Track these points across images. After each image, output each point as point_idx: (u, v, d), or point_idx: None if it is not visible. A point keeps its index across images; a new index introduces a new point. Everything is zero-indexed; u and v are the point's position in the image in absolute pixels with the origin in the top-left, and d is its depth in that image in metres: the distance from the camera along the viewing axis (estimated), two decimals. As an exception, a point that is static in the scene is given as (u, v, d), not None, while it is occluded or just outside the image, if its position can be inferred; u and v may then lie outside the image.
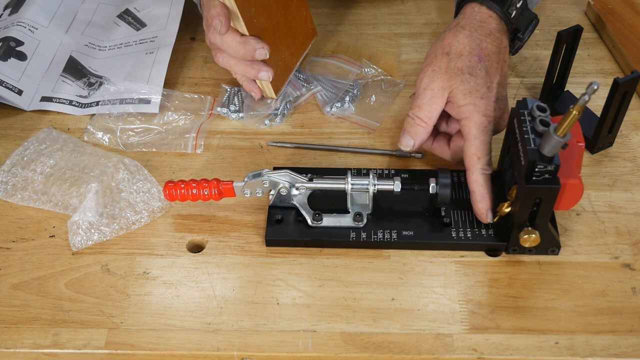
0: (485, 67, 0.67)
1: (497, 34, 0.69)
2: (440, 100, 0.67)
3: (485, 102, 0.65)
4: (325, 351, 0.58)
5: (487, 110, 0.65)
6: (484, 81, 0.66)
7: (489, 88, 0.66)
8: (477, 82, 0.66)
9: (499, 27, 0.70)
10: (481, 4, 0.70)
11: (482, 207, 0.64)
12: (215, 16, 0.70)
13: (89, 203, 0.67)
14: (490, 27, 0.69)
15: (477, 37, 0.68)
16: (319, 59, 0.87)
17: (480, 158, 0.64)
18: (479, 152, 0.64)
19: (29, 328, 0.61)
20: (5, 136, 0.78)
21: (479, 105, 0.65)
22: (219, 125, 0.79)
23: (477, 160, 0.64)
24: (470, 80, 0.66)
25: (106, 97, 0.80)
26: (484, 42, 0.68)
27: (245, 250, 0.66)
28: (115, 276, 0.64)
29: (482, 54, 0.67)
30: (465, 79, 0.66)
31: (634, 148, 0.74)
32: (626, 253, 0.65)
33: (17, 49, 0.83)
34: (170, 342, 0.59)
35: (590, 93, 0.51)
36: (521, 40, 0.72)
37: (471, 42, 0.68)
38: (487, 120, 0.65)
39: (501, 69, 0.68)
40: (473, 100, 0.65)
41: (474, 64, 0.67)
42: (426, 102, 0.68)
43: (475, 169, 0.64)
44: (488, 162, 0.65)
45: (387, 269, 0.64)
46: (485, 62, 0.67)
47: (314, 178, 0.66)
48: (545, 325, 0.59)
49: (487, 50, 0.68)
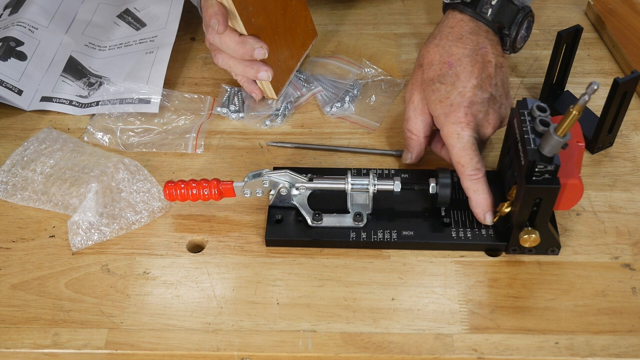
0: (457, 72, 0.67)
1: (470, 37, 0.69)
2: (422, 112, 0.69)
3: (455, 109, 0.65)
4: (325, 351, 0.58)
5: (457, 117, 0.65)
6: (454, 87, 0.66)
7: (461, 93, 0.66)
8: (447, 90, 0.66)
9: (474, 29, 0.69)
10: (454, 10, 0.71)
11: (477, 212, 0.64)
12: (212, 15, 0.70)
13: (89, 203, 0.67)
14: (462, 31, 0.69)
15: (446, 44, 0.69)
16: (319, 59, 0.87)
17: (464, 165, 0.64)
18: (461, 160, 0.64)
19: (29, 328, 0.61)
20: (5, 136, 0.78)
21: (449, 114, 0.65)
22: (219, 125, 0.79)
23: (461, 169, 0.64)
24: (440, 89, 0.67)
25: (106, 97, 0.80)
26: (454, 47, 0.68)
27: (245, 250, 0.66)
28: (115, 276, 0.64)
29: (452, 60, 0.67)
30: (435, 88, 0.67)
31: (634, 148, 0.74)
32: (626, 253, 0.65)
33: (17, 49, 0.83)
34: (170, 342, 0.59)
35: (590, 93, 0.51)
36: (509, 36, 0.71)
37: (440, 51, 0.69)
38: (460, 127, 0.64)
39: (479, 71, 0.67)
40: (444, 110, 0.66)
41: (444, 72, 0.67)
42: (411, 115, 0.70)
43: (463, 176, 0.64)
44: (474, 167, 0.63)
45: (387, 269, 0.64)
46: (457, 68, 0.67)
47: (314, 178, 0.66)
48: (545, 325, 0.59)
49: (457, 55, 0.67)
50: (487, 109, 0.66)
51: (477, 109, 0.66)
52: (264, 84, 0.78)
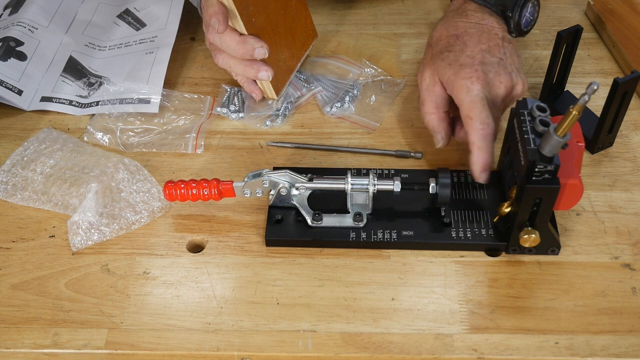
0: (464, 41, 0.69)
1: (475, 14, 0.71)
2: (435, 85, 0.69)
3: (465, 67, 0.66)
4: (325, 351, 0.58)
5: (467, 72, 0.66)
6: (462, 52, 0.68)
7: (470, 56, 0.67)
8: (456, 54, 0.68)
9: (477, 8, 0.72)
10: None
11: (475, 169, 0.64)
12: (213, 14, 0.70)
13: (89, 203, 0.67)
14: (467, 10, 0.72)
15: (453, 20, 0.71)
16: (319, 59, 0.87)
17: (472, 118, 0.64)
18: (470, 113, 0.64)
19: (29, 328, 0.61)
20: (5, 136, 0.78)
21: (459, 72, 0.66)
22: (219, 125, 0.79)
23: (469, 121, 0.64)
24: (449, 56, 0.68)
25: (106, 97, 0.80)
26: (460, 22, 0.71)
27: (245, 250, 0.66)
28: (115, 276, 0.64)
29: (458, 32, 0.70)
30: (444, 56, 0.69)
31: (634, 148, 0.74)
32: (626, 253, 0.65)
33: (17, 49, 0.83)
34: (170, 342, 0.59)
35: (590, 93, 0.51)
36: (512, 18, 0.72)
37: (447, 26, 0.72)
38: (470, 81, 0.65)
39: (487, 39, 0.69)
40: (454, 70, 0.67)
41: (452, 42, 0.70)
42: (425, 94, 0.70)
43: (470, 129, 0.64)
44: (483, 120, 0.63)
45: (387, 269, 0.64)
46: (464, 37, 0.69)
47: (314, 178, 0.66)
48: (545, 325, 0.59)
49: (463, 27, 0.70)
50: (497, 69, 0.67)
51: (487, 68, 0.67)
52: (264, 84, 0.78)
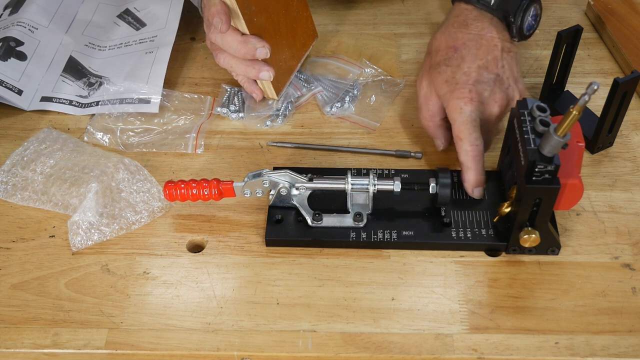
0: (462, 55, 0.69)
1: (475, 23, 0.71)
2: (431, 95, 0.70)
3: (460, 87, 0.67)
4: (325, 351, 0.58)
5: (462, 92, 0.66)
6: (459, 67, 0.68)
7: (466, 73, 0.68)
8: (453, 70, 0.68)
9: (478, 16, 0.72)
10: (460, 1, 0.74)
11: (466, 186, 0.66)
12: (215, 14, 0.69)
13: (89, 203, 0.67)
14: (467, 19, 0.72)
15: (452, 30, 0.71)
16: (320, 59, 0.87)
17: (462, 139, 0.65)
18: (460, 134, 0.66)
19: (29, 328, 0.61)
20: (5, 136, 0.78)
21: (454, 91, 0.67)
22: (219, 125, 0.79)
23: (459, 142, 0.66)
24: (446, 71, 0.69)
25: (106, 97, 0.80)
26: (459, 33, 0.71)
27: (245, 250, 0.66)
28: (115, 276, 0.64)
29: (457, 44, 0.70)
30: (441, 70, 0.69)
31: (634, 148, 0.74)
32: (626, 253, 0.65)
33: (17, 49, 0.83)
34: (170, 342, 0.59)
35: (590, 93, 0.51)
36: (514, 23, 0.72)
37: (446, 37, 0.71)
38: (463, 102, 0.66)
39: (485, 53, 0.69)
40: (449, 88, 0.68)
41: (450, 55, 0.70)
42: (422, 102, 0.72)
43: (460, 150, 0.66)
44: (472, 142, 0.65)
45: (387, 269, 0.64)
46: (462, 51, 0.69)
47: (314, 178, 0.66)
48: (545, 325, 0.59)
49: (462, 39, 0.70)
50: (493, 87, 0.68)
51: (482, 87, 0.67)
52: (265, 84, 0.78)
